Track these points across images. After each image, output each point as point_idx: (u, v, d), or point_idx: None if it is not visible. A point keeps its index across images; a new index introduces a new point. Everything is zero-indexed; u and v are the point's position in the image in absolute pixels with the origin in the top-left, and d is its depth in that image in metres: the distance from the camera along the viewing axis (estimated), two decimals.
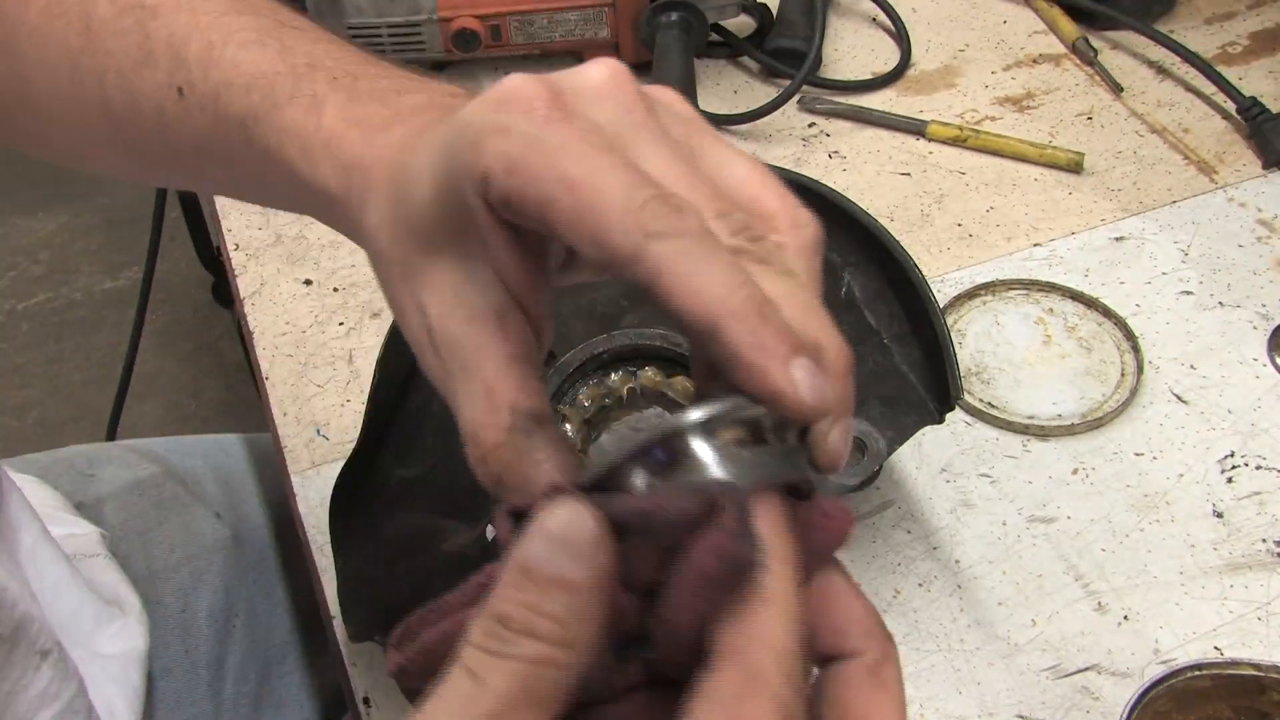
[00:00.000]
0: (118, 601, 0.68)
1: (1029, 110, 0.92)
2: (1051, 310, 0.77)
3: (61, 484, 0.79)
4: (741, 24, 0.98)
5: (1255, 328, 0.75)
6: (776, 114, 0.91)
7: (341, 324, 0.78)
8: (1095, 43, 0.96)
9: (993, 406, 0.71)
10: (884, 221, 0.61)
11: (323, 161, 0.37)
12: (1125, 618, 0.62)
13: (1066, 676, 0.60)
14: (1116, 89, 0.94)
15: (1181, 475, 0.68)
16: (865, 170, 0.88)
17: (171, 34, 0.44)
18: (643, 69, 0.95)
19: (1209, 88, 0.92)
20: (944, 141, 0.89)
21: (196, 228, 1.58)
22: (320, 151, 0.37)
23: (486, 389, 0.32)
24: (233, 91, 0.41)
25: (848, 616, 0.29)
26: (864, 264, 0.62)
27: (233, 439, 0.92)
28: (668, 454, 0.27)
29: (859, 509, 0.67)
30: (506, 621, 0.26)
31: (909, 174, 0.88)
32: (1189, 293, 0.78)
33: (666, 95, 0.33)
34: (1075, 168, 0.86)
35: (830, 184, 0.62)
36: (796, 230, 0.31)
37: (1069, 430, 0.70)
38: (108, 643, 0.65)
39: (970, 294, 0.78)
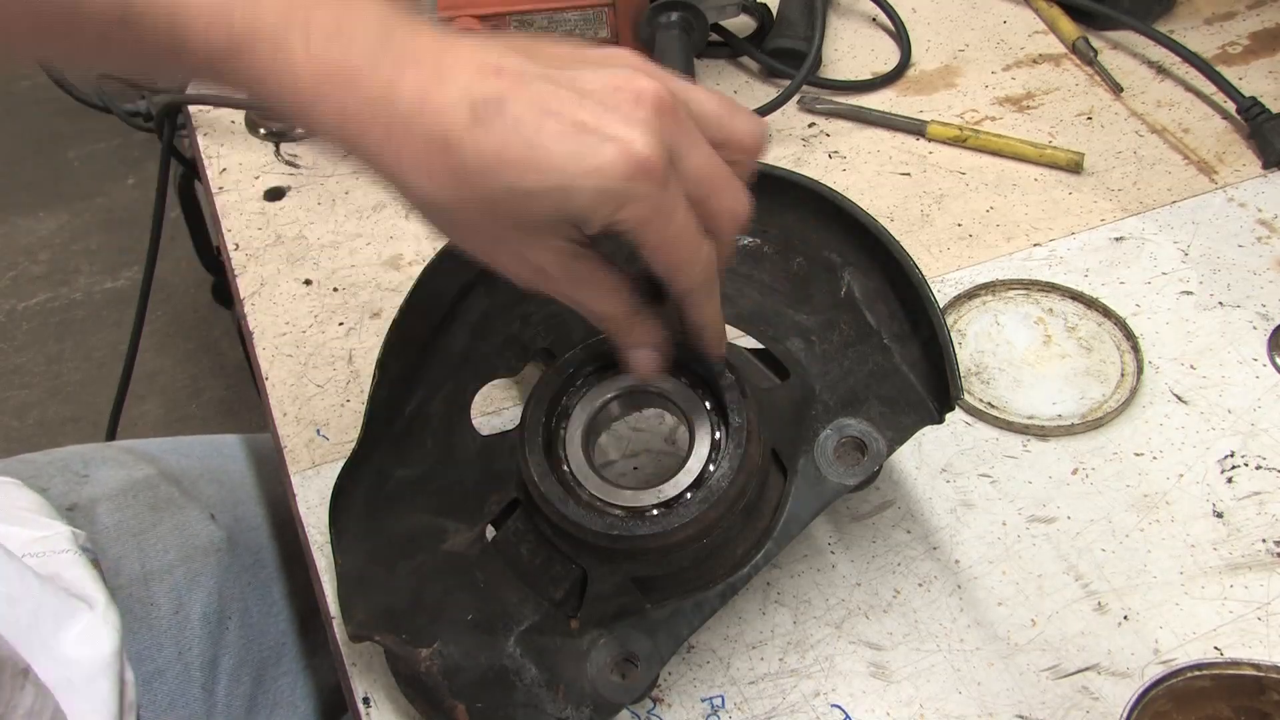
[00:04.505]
0: (84, 597, 0.67)
1: (1029, 110, 0.92)
2: (1051, 310, 0.77)
3: (55, 485, 0.79)
4: (741, 24, 0.98)
5: (1255, 328, 0.75)
6: (776, 114, 0.91)
7: (341, 324, 0.78)
8: (1095, 43, 0.96)
9: (993, 406, 0.71)
10: (884, 221, 0.61)
11: (313, 103, 0.45)
12: (1125, 618, 0.62)
13: (1066, 676, 0.60)
14: (1116, 89, 0.94)
15: (1181, 475, 0.68)
16: (865, 170, 0.88)
17: None
18: None
19: (1209, 88, 0.92)
20: (944, 141, 0.89)
21: (196, 228, 1.58)
22: (309, 96, 0.44)
23: (611, 290, 0.50)
24: (191, 26, 0.44)
25: None
26: (864, 264, 0.62)
27: (230, 439, 0.92)
28: None
29: (859, 509, 0.67)
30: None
31: (909, 174, 0.88)
32: (1189, 293, 0.78)
33: (688, 93, 0.47)
34: (1075, 168, 0.87)
35: (830, 184, 0.62)
36: (752, 145, 0.50)
37: (1069, 430, 0.70)
38: (73, 646, 0.64)
39: (970, 294, 0.78)
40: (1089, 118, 0.92)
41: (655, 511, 0.54)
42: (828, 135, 0.91)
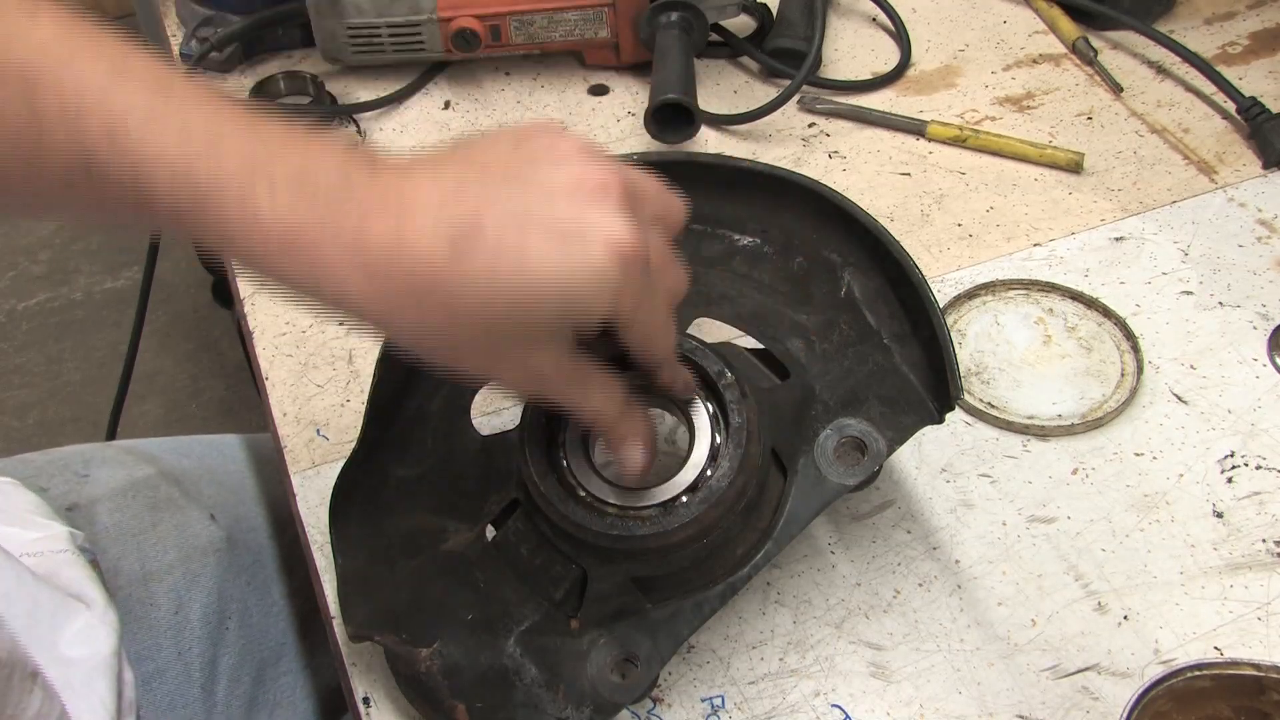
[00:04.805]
0: (81, 597, 0.67)
1: (1029, 110, 0.92)
2: (1051, 310, 0.77)
3: (55, 485, 0.79)
4: (741, 24, 0.98)
5: (1255, 328, 0.75)
6: (776, 114, 0.91)
7: (341, 324, 0.78)
8: (1095, 43, 0.96)
9: (993, 406, 0.71)
10: (884, 221, 0.61)
11: (283, 259, 0.44)
12: (1125, 618, 0.62)
13: (1066, 676, 0.60)
14: (1116, 89, 0.94)
15: (1181, 475, 0.68)
16: (865, 170, 0.88)
17: (63, 108, 0.43)
18: (643, 69, 0.96)
19: (1209, 88, 0.92)
20: (944, 141, 0.89)
21: None
22: (278, 251, 0.44)
23: (606, 387, 0.51)
24: (155, 181, 0.43)
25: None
26: (864, 264, 0.62)
27: (230, 439, 0.92)
28: None
29: (859, 509, 0.67)
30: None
31: (909, 174, 0.88)
32: (1189, 293, 0.78)
33: (629, 173, 0.47)
34: (1075, 168, 0.87)
35: (830, 184, 0.62)
36: (681, 221, 0.51)
37: (1069, 430, 0.70)
38: (69, 645, 0.63)
39: (970, 294, 0.78)
40: (1089, 118, 0.92)
41: (655, 512, 0.54)
42: (828, 135, 0.91)
